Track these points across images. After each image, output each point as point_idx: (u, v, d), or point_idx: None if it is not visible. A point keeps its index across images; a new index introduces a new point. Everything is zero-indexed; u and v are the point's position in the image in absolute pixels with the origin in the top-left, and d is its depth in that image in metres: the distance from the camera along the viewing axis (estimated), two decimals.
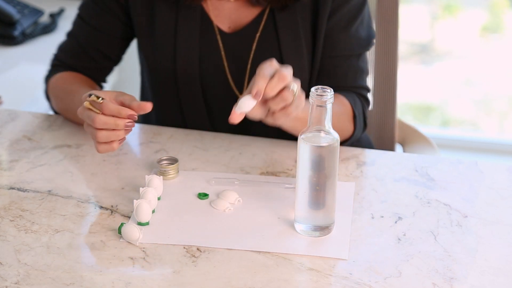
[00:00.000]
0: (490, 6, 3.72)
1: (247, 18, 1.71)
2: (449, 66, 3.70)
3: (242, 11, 1.71)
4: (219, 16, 1.72)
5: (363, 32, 1.73)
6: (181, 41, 1.71)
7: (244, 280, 1.30)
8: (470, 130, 3.60)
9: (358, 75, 1.74)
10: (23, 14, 2.46)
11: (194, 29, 1.71)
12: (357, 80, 1.74)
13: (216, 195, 1.50)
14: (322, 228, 1.40)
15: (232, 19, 1.72)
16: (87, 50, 1.79)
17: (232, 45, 1.72)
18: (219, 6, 1.72)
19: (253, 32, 1.71)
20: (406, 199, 1.52)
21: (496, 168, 1.62)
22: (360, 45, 1.73)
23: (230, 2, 1.71)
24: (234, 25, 1.72)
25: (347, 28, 1.71)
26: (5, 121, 1.77)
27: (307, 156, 1.36)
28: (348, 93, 1.72)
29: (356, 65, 1.73)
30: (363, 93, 1.76)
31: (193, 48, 1.71)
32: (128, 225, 1.38)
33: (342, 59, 1.72)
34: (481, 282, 1.31)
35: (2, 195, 1.51)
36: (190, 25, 1.70)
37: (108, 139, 1.48)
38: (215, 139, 1.70)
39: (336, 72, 1.72)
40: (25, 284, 1.28)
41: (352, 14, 1.71)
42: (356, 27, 1.72)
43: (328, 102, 1.33)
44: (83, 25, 1.79)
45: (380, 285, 1.29)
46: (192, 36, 1.71)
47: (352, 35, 1.71)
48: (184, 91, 1.73)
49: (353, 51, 1.72)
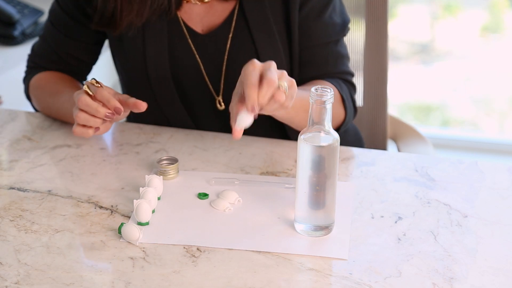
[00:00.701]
0: (490, 6, 3.72)
1: (219, 19, 1.72)
2: (449, 66, 3.70)
3: (212, 12, 1.72)
4: (191, 19, 1.72)
5: (337, 18, 1.73)
6: (149, 44, 1.71)
7: (244, 280, 1.30)
8: (470, 130, 3.60)
9: (338, 61, 1.74)
10: (23, 14, 2.46)
11: (161, 32, 1.70)
12: (338, 66, 1.74)
13: (216, 195, 1.50)
14: (322, 228, 1.40)
15: (204, 21, 1.72)
16: (60, 55, 1.79)
17: (206, 46, 1.72)
18: (188, 10, 1.72)
19: (225, 33, 1.71)
20: (406, 199, 1.52)
21: (496, 168, 1.62)
22: (336, 31, 1.73)
23: (198, 5, 1.71)
24: (206, 27, 1.72)
25: (320, 16, 1.71)
26: (5, 121, 1.77)
27: (307, 156, 1.36)
28: (332, 79, 1.73)
29: (335, 51, 1.73)
30: (347, 78, 1.76)
31: (162, 51, 1.71)
32: (128, 225, 1.38)
33: (320, 47, 1.72)
34: (481, 282, 1.31)
35: (2, 195, 1.51)
36: (156, 28, 1.70)
37: (86, 123, 1.53)
38: (215, 139, 1.70)
39: (316, 60, 1.73)
40: (25, 284, 1.28)
41: (324, 1, 1.71)
42: (329, 14, 1.72)
43: (328, 102, 1.33)
44: (54, 31, 1.78)
45: (380, 285, 1.29)
46: (160, 38, 1.71)
47: (327, 22, 1.71)
48: (160, 93, 1.73)
49: (330, 38, 1.72)
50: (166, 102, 1.74)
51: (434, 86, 3.67)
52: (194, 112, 1.77)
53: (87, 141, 1.69)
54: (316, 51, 1.72)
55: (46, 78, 1.80)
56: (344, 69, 1.76)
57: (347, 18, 1.75)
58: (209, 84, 1.74)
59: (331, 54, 1.73)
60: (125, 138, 1.71)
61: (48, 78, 1.80)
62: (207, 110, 1.76)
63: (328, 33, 1.72)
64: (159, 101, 1.74)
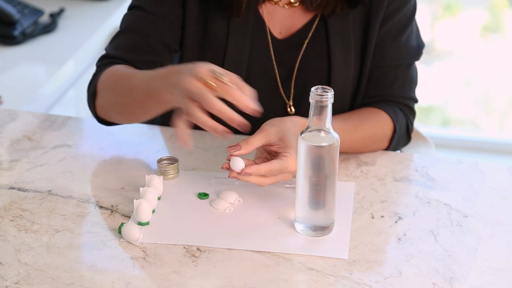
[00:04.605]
0: (490, 6, 3.71)
1: (299, 24, 1.70)
2: (449, 66, 3.69)
3: (295, 17, 1.70)
4: (272, 20, 1.70)
5: (413, 41, 1.71)
6: (232, 40, 1.68)
7: (244, 280, 1.30)
8: (470, 130, 3.60)
9: (406, 85, 1.72)
10: (23, 14, 2.46)
11: (247, 30, 1.68)
12: (405, 90, 1.72)
13: (216, 195, 1.50)
14: (322, 228, 1.40)
15: (284, 24, 1.70)
16: (150, 42, 1.66)
17: (282, 50, 1.70)
18: (272, 11, 1.70)
19: (302, 38, 1.69)
20: (406, 199, 1.52)
21: (497, 168, 1.62)
22: (410, 54, 1.71)
23: (284, 8, 1.69)
24: (285, 30, 1.70)
25: (397, 38, 1.69)
26: (5, 121, 1.77)
27: (307, 156, 1.35)
28: (391, 106, 1.70)
29: (405, 74, 1.71)
30: (409, 103, 1.73)
31: (244, 49, 1.68)
32: (128, 225, 1.38)
33: (391, 68, 1.70)
34: (481, 282, 1.31)
35: (2, 195, 1.51)
36: (241, 26, 1.68)
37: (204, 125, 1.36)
38: (215, 139, 1.70)
39: (384, 81, 1.70)
40: (25, 284, 1.28)
41: (403, 23, 1.69)
42: (407, 36, 1.70)
43: (329, 102, 1.33)
44: (145, 16, 1.67)
45: (380, 285, 1.29)
46: (245, 36, 1.68)
47: (403, 44, 1.69)
48: None
49: (403, 61, 1.70)
50: None
51: (434, 86, 3.67)
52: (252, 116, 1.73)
53: (87, 141, 1.69)
54: (386, 72, 1.70)
55: (122, 66, 1.63)
56: (409, 94, 1.73)
57: (422, 43, 1.73)
58: (280, 89, 1.71)
59: (400, 78, 1.71)
60: (125, 138, 1.71)
61: (125, 66, 1.64)
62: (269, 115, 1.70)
63: (402, 56, 1.70)
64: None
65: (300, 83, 1.70)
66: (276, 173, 1.42)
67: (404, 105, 1.72)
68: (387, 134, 1.68)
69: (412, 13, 1.71)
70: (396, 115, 1.69)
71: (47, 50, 2.40)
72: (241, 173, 1.40)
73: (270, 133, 1.43)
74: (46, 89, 2.23)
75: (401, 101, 1.72)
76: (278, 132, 1.44)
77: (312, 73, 1.69)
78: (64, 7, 2.61)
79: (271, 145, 1.44)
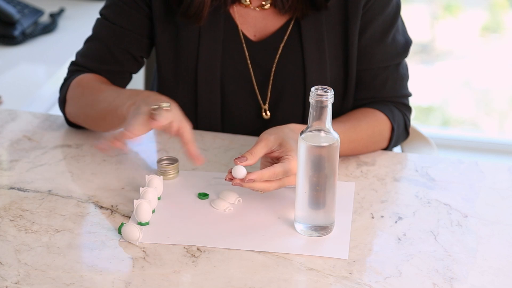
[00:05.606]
0: (490, 6, 3.71)
1: (273, 27, 1.69)
2: (449, 66, 3.69)
3: (268, 20, 1.69)
4: (245, 23, 1.70)
5: (400, 38, 1.70)
6: (204, 44, 1.68)
7: (244, 280, 1.30)
8: (470, 130, 3.60)
9: (397, 84, 1.71)
10: (23, 14, 2.46)
11: (218, 33, 1.68)
12: (397, 89, 1.71)
13: (216, 195, 1.50)
14: (322, 228, 1.40)
15: (258, 27, 1.70)
16: (113, 52, 1.71)
17: (256, 53, 1.70)
18: (244, 13, 1.69)
19: (277, 42, 1.69)
20: (406, 199, 1.52)
21: (497, 168, 1.62)
22: (398, 53, 1.70)
23: (256, 11, 1.69)
24: (259, 33, 1.70)
25: (383, 39, 1.68)
26: (5, 121, 1.77)
27: (307, 156, 1.36)
28: (386, 105, 1.70)
29: (395, 74, 1.70)
30: (404, 101, 1.73)
31: (216, 52, 1.68)
32: (128, 225, 1.38)
33: (380, 70, 1.69)
34: (481, 282, 1.31)
35: (2, 195, 1.51)
36: (214, 29, 1.68)
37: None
38: (215, 139, 1.70)
39: (375, 83, 1.70)
40: (25, 284, 1.28)
41: (387, 23, 1.68)
42: (393, 35, 1.69)
43: (329, 102, 1.33)
44: (109, 26, 1.71)
45: (380, 285, 1.29)
46: (216, 40, 1.68)
47: (390, 45, 1.68)
48: (202, 93, 1.70)
49: (392, 61, 1.70)
50: (204, 103, 1.71)
51: (434, 86, 3.67)
52: (227, 119, 1.74)
53: (87, 141, 1.69)
54: (376, 74, 1.69)
55: (90, 77, 1.71)
56: (402, 92, 1.72)
57: (409, 39, 1.72)
58: (257, 92, 1.71)
59: (391, 77, 1.70)
60: None
61: (92, 77, 1.71)
62: (244, 118, 1.73)
63: (391, 56, 1.69)
64: (199, 102, 1.71)
65: (277, 87, 1.70)
66: (280, 176, 1.42)
67: (399, 103, 1.72)
68: (386, 134, 1.68)
69: (396, 12, 1.69)
70: (392, 114, 1.69)
71: (47, 50, 2.40)
72: (244, 180, 1.40)
73: (270, 140, 1.45)
74: (46, 89, 2.23)
75: (395, 100, 1.72)
76: (277, 138, 1.45)
77: (288, 77, 1.69)
78: (64, 7, 2.61)
79: (273, 152, 1.46)
